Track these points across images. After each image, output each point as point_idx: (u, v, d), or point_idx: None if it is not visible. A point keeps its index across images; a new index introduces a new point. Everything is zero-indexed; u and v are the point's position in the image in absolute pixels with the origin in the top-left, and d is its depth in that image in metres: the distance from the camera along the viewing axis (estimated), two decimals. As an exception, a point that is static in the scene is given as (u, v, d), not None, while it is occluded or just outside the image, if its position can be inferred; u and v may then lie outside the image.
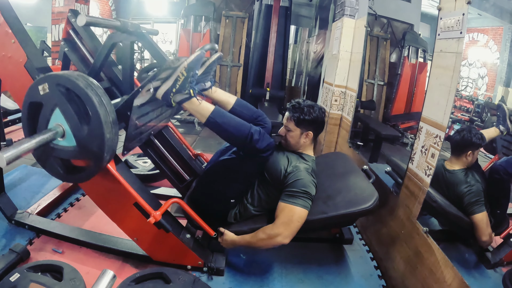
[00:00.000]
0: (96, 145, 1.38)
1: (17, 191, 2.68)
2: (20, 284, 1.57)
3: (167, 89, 1.63)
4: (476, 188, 1.85)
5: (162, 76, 1.61)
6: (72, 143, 1.42)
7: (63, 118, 1.40)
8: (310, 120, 1.89)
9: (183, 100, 1.68)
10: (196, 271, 1.94)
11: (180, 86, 1.63)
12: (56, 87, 1.36)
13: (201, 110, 1.72)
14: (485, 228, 1.77)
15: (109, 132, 1.38)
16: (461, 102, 2.67)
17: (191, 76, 1.63)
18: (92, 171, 1.48)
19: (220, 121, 1.73)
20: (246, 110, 2.04)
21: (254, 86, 5.86)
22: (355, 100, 3.26)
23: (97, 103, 1.34)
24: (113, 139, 1.42)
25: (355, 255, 2.29)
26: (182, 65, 1.60)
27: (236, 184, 1.93)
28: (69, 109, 1.37)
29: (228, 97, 2.06)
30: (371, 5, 3.17)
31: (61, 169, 1.52)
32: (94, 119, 1.35)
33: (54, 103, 1.39)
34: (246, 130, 1.71)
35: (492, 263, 1.70)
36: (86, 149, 1.41)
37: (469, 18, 1.54)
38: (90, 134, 1.38)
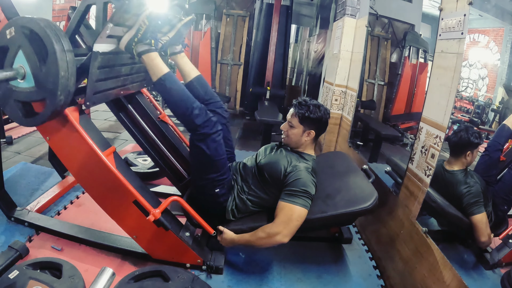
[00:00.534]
0: (51, 83, 1.43)
1: (16, 188, 2.68)
2: (19, 281, 1.57)
3: (130, 38, 1.64)
4: (475, 188, 1.85)
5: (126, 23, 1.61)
6: (31, 83, 1.48)
7: (25, 60, 1.46)
8: (314, 119, 1.89)
9: (144, 51, 1.69)
10: (195, 270, 1.94)
11: (142, 35, 1.64)
12: (21, 29, 1.43)
13: (156, 68, 1.73)
14: (484, 229, 1.77)
15: (64, 70, 1.42)
16: (461, 103, 2.67)
17: (153, 26, 1.64)
18: (47, 111, 1.51)
19: (169, 86, 1.74)
20: (201, 89, 2.06)
21: (254, 85, 5.86)
22: (355, 100, 3.26)
23: (55, 40, 1.39)
24: (68, 78, 1.45)
25: (354, 254, 2.29)
26: (144, 13, 1.61)
27: (207, 171, 1.90)
28: (30, 49, 1.44)
29: (191, 69, 2.08)
30: (372, 5, 3.16)
31: (20, 112, 1.57)
32: (50, 56, 1.41)
33: (18, 45, 1.45)
34: (190, 103, 1.73)
35: (491, 264, 1.69)
36: (42, 88, 1.46)
37: (470, 19, 1.54)
38: (47, 72, 1.43)
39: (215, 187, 1.91)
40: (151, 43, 1.70)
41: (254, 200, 1.96)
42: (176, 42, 1.98)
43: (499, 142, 1.91)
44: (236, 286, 1.90)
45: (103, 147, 1.76)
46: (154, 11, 1.62)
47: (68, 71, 1.44)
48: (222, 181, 1.93)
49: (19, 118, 1.58)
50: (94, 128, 1.84)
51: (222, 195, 1.95)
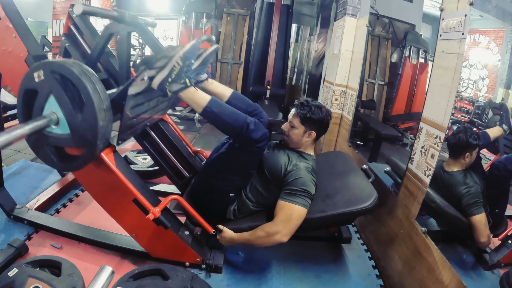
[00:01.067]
0: (90, 133, 1.39)
1: (16, 186, 2.68)
2: (18, 279, 1.57)
3: (163, 79, 1.63)
4: (474, 189, 1.85)
5: (157, 65, 1.61)
6: (66, 130, 1.43)
7: (57, 106, 1.41)
8: (316, 120, 1.89)
9: (178, 89, 1.67)
10: (194, 268, 1.94)
11: (176, 76, 1.63)
12: (51, 74, 1.37)
13: (197, 99, 1.72)
14: (483, 229, 1.77)
15: (103, 120, 1.39)
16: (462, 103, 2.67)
17: (187, 66, 1.63)
18: (86, 159, 1.49)
19: (217, 111, 1.72)
20: (241, 103, 2.02)
21: (254, 84, 5.86)
22: (355, 100, 3.26)
23: (91, 90, 1.34)
24: (107, 126, 1.43)
25: (353, 254, 2.29)
26: (178, 54, 1.60)
27: (234, 176, 1.92)
28: (63, 96, 1.38)
29: (224, 89, 2.05)
30: (373, 5, 3.17)
31: (54, 157, 1.53)
32: (88, 106, 1.36)
33: (48, 90, 1.40)
34: (242, 120, 1.71)
35: (490, 265, 1.70)
36: (79, 136, 1.41)
37: (471, 20, 1.54)
38: (84, 121, 1.38)
39: (231, 191, 1.94)
40: (186, 82, 1.69)
41: (254, 199, 1.96)
42: (201, 71, 1.97)
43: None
44: (235, 285, 1.91)
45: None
46: (187, 51, 1.62)
47: (107, 119, 1.41)
48: (239, 188, 1.96)
49: (54, 163, 1.55)
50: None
51: (233, 200, 1.98)
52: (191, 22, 6.23)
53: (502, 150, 2.10)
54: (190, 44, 1.61)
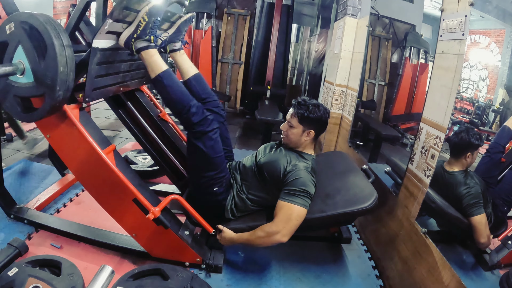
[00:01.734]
0: (50, 78, 1.43)
1: (16, 185, 2.68)
2: (18, 279, 1.57)
3: (129, 35, 1.64)
4: (475, 190, 1.85)
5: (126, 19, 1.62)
6: (30, 79, 1.48)
7: (24, 55, 1.46)
8: (314, 119, 1.89)
9: (143, 47, 1.69)
10: (194, 268, 1.94)
11: (141, 32, 1.65)
12: (20, 24, 1.43)
13: (154, 64, 1.74)
14: (483, 230, 1.77)
15: (63, 66, 1.43)
16: (462, 103, 2.67)
17: (153, 22, 1.64)
18: (47, 107, 1.51)
19: (166, 83, 1.75)
20: (199, 87, 2.06)
21: (255, 84, 5.86)
22: (355, 100, 3.26)
23: (54, 36, 1.39)
24: (67, 73, 1.46)
25: (353, 254, 2.29)
26: (144, 10, 1.61)
27: (205, 169, 1.90)
28: (29, 45, 1.44)
29: (190, 67, 2.08)
30: (374, 5, 3.16)
31: (19, 107, 1.57)
32: (49, 52, 1.41)
33: (17, 41, 1.45)
34: (186, 102, 1.74)
35: (490, 265, 1.69)
36: (41, 83, 1.46)
37: (471, 20, 1.53)
38: (46, 67, 1.43)
39: (213, 185, 1.91)
40: (151, 39, 1.70)
41: (253, 199, 1.96)
42: (176, 39, 1.99)
43: (500, 143, 1.91)
44: (235, 285, 1.91)
45: (103, 145, 1.76)
46: (154, 7, 1.63)
47: (67, 66, 1.44)
48: (220, 179, 1.93)
49: (18, 113, 1.59)
50: (94, 126, 1.84)
51: (220, 193, 1.95)
52: (192, 22, 6.22)
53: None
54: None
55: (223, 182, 1.95)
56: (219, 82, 6.12)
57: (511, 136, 1.92)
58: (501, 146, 1.90)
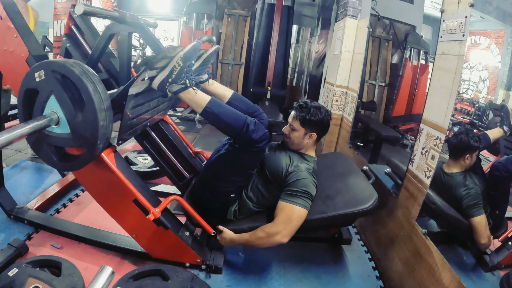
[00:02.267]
0: (90, 132, 1.39)
1: (16, 186, 2.68)
2: (18, 279, 1.57)
3: (163, 79, 1.63)
4: (474, 191, 1.85)
5: (158, 65, 1.61)
6: (66, 130, 1.44)
7: (58, 105, 1.41)
8: (315, 121, 1.89)
9: (179, 90, 1.68)
10: (194, 269, 1.94)
11: (176, 76, 1.64)
12: (52, 73, 1.38)
13: (198, 100, 1.72)
14: (483, 231, 1.77)
15: (103, 120, 1.39)
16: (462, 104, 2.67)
17: (187, 66, 1.64)
18: (86, 159, 1.49)
19: (217, 111, 1.72)
20: (242, 104, 2.02)
21: (255, 85, 5.86)
22: (356, 101, 3.26)
23: (92, 90, 1.35)
24: (107, 127, 1.43)
25: (354, 255, 2.29)
26: (178, 55, 1.61)
27: (234, 177, 1.92)
28: (64, 96, 1.39)
29: (224, 90, 2.05)
30: (374, 6, 3.17)
31: (55, 157, 1.53)
32: (88, 106, 1.36)
33: (49, 90, 1.40)
34: (242, 121, 1.71)
35: (490, 266, 1.70)
36: (79, 136, 1.42)
37: (471, 21, 1.54)
38: (84, 121, 1.39)
39: (231, 192, 1.94)
40: (186, 83, 1.69)
41: (254, 199, 1.96)
42: (202, 72, 1.97)
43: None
44: (235, 285, 1.90)
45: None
46: (188, 52, 1.62)
47: (107, 119, 1.41)
48: (240, 188, 1.96)
49: (54, 162, 1.55)
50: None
51: (233, 200, 1.97)
52: (192, 23, 6.22)
53: (502, 152, 2.10)
54: (191, 45, 1.62)
55: (241, 190, 1.98)
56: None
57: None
58: None
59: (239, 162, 1.88)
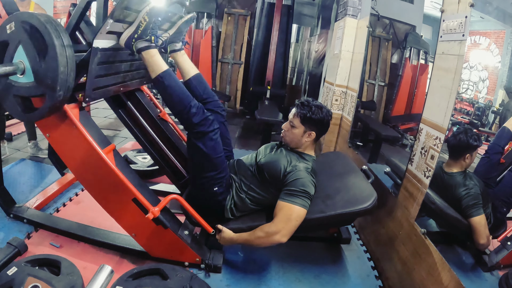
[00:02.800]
0: (50, 78, 1.43)
1: (16, 184, 2.68)
2: (17, 278, 1.57)
3: (130, 35, 1.65)
4: (474, 191, 1.85)
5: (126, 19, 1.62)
6: (31, 78, 1.48)
7: (24, 55, 1.46)
8: (316, 120, 1.89)
9: (143, 47, 1.69)
10: (193, 268, 1.94)
11: (142, 32, 1.66)
12: (21, 24, 1.42)
13: (155, 64, 1.74)
14: (482, 231, 1.77)
15: (64, 66, 1.43)
16: (462, 104, 2.67)
17: (153, 22, 1.65)
18: (46, 106, 1.51)
19: (167, 83, 1.75)
20: (200, 87, 2.06)
21: (255, 84, 5.86)
22: (355, 100, 3.26)
23: (54, 36, 1.39)
24: (67, 73, 1.45)
25: (353, 255, 2.29)
26: (145, 10, 1.62)
27: (205, 169, 1.89)
28: (30, 45, 1.44)
29: (190, 67, 2.08)
30: (374, 6, 3.16)
31: (19, 107, 1.57)
32: (50, 52, 1.40)
33: (18, 41, 1.45)
34: (186, 101, 1.74)
35: (489, 266, 1.69)
36: (41, 82, 1.46)
37: (471, 21, 1.54)
38: (46, 67, 1.43)
39: (213, 185, 1.91)
40: (151, 39, 1.70)
41: (253, 199, 1.96)
42: (176, 39, 1.99)
43: (500, 144, 1.90)
44: (234, 285, 1.91)
45: (103, 144, 1.76)
46: (154, 7, 1.63)
47: (68, 66, 1.44)
48: (220, 180, 1.93)
49: (19, 113, 1.59)
50: (94, 125, 1.84)
51: (220, 193, 1.95)
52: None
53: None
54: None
55: (223, 182, 1.95)
56: (219, 82, 6.11)
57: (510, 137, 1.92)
58: (500, 147, 1.89)
59: (199, 153, 1.85)
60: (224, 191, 1.96)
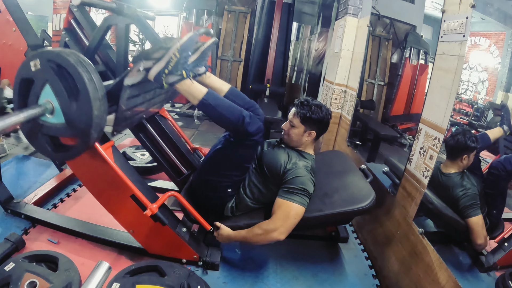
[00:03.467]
0: (84, 122, 1.39)
1: (13, 180, 2.67)
2: (14, 274, 1.57)
3: (160, 70, 1.63)
4: (471, 191, 1.86)
5: (154, 56, 1.61)
6: (61, 119, 1.43)
7: (53, 95, 1.40)
8: (316, 119, 1.90)
9: (175, 81, 1.68)
10: (191, 265, 1.94)
11: (173, 68, 1.64)
12: (47, 63, 1.37)
13: (194, 91, 1.72)
14: (480, 231, 1.77)
15: (97, 109, 1.38)
16: (461, 105, 2.68)
17: (184, 57, 1.64)
18: (80, 149, 1.49)
19: (214, 103, 1.73)
20: (238, 99, 2.02)
21: (254, 82, 5.86)
22: (355, 99, 3.26)
23: (87, 79, 1.34)
24: (101, 116, 1.43)
25: (350, 254, 2.29)
26: (175, 46, 1.60)
27: (230, 171, 1.92)
28: (59, 85, 1.38)
29: (222, 84, 2.06)
30: (375, 5, 3.16)
31: (49, 147, 1.53)
32: (82, 95, 1.35)
33: (44, 79, 1.39)
34: (238, 113, 1.72)
35: (486, 267, 1.70)
36: (74, 125, 1.41)
37: (472, 22, 1.54)
38: (78, 110, 1.38)
39: (228, 187, 1.93)
40: (183, 74, 1.69)
41: (252, 196, 1.96)
42: (199, 64, 1.97)
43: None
44: (232, 282, 1.91)
45: (101, 140, 1.76)
46: (185, 43, 1.62)
47: (101, 109, 1.40)
48: (237, 183, 1.96)
49: (49, 152, 1.55)
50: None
51: (230, 196, 1.97)
52: (192, 19, 6.21)
53: (502, 151, 2.10)
54: (188, 35, 1.61)
55: (238, 185, 1.97)
56: (218, 80, 6.10)
57: None
58: None
59: (235, 156, 1.88)
60: (233, 194, 1.98)
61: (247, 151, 1.87)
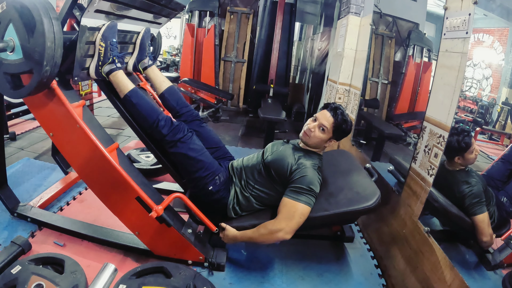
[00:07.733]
0: (38, 53, 1.45)
1: (19, 183, 2.69)
2: (21, 277, 1.58)
3: (95, 65, 1.77)
4: (477, 188, 1.84)
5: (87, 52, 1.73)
6: (20, 55, 1.50)
7: (14, 33, 1.49)
8: (344, 132, 1.91)
9: (109, 71, 1.81)
10: (197, 266, 1.95)
11: (104, 57, 1.76)
12: (12, 3, 1.46)
13: (122, 86, 1.86)
14: (486, 229, 1.76)
15: (51, 41, 1.44)
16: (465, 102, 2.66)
17: (111, 45, 1.75)
18: (33, 83, 1.52)
19: (135, 101, 1.88)
20: (173, 99, 2.15)
21: (257, 82, 5.87)
22: (359, 98, 3.26)
23: (42, 12, 1.42)
24: (55, 49, 1.47)
25: (356, 253, 2.29)
26: (98, 38, 1.72)
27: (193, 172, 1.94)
28: (20, 22, 1.46)
29: (162, 81, 2.17)
30: (377, 3, 3.15)
31: (9, 85, 1.59)
32: (38, 28, 1.42)
33: (9, 19, 1.48)
34: (155, 115, 1.86)
35: (492, 265, 1.69)
36: (30, 58, 1.48)
37: (475, 19, 1.53)
38: (34, 43, 1.45)
39: (206, 184, 1.94)
40: (115, 61, 1.81)
41: (258, 197, 1.96)
42: (143, 56, 2.10)
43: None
44: (238, 283, 1.91)
45: (106, 143, 1.77)
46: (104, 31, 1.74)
47: (55, 42, 1.46)
48: (211, 177, 1.94)
49: (8, 90, 1.60)
50: (98, 124, 1.85)
51: (216, 192, 1.96)
52: (195, 21, 6.22)
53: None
54: (106, 24, 1.74)
55: (216, 180, 1.96)
56: (222, 81, 6.12)
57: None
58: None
59: (179, 157, 1.94)
60: (221, 190, 1.97)
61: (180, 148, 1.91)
